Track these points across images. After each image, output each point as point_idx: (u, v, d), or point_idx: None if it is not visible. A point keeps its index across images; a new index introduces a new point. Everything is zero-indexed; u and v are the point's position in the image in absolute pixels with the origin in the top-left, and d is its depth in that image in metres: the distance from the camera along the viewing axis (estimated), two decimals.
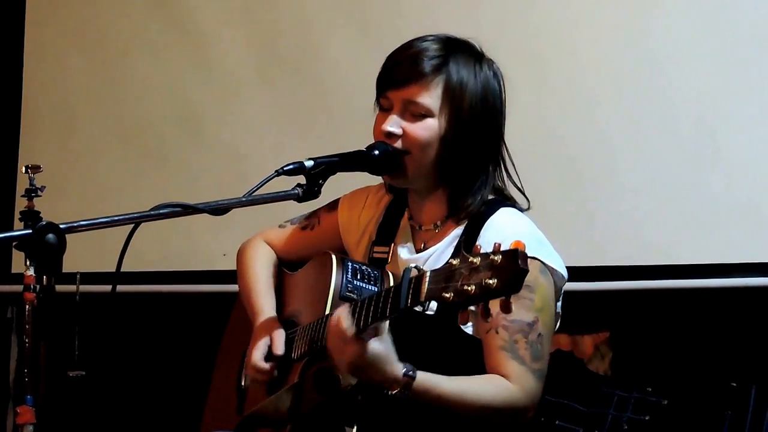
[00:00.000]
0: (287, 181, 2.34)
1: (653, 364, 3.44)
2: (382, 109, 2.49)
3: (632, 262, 3.46)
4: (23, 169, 2.18)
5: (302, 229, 2.76)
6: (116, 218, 2.18)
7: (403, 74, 2.43)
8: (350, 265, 2.46)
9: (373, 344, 2.19)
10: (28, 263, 2.02)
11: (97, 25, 4.32)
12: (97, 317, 3.46)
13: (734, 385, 3.27)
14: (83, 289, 2.99)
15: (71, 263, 2.13)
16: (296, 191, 2.34)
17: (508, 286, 1.96)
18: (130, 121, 4.26)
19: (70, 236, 2.06)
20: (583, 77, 3.55)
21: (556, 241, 2.49)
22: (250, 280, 2.73)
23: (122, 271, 2.24)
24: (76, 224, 2.10)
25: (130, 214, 2.20)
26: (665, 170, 3.43)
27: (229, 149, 4.09)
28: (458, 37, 2.51)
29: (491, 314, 2.02)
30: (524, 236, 2.03)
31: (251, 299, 2.69)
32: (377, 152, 2.43)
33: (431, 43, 2.46)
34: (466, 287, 1.99)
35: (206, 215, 2.25)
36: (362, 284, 2.43)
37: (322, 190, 2.37)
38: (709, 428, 3.27)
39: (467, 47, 2.49)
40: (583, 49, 3.56)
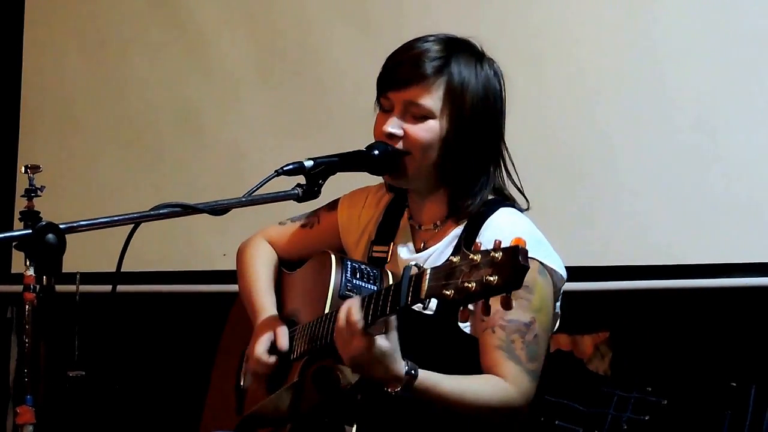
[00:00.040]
0: (287, 181, 2.34)
1: (653, 364, 3.44)
2: (382, 109, 2.49)
3: (632, 262, 3.46)
4: (23, 169, 2.18)
5: (302, 227, 2.75)
6: (116, 218, 2.18)
7: (404, 75, 2.43)
8: (350, 264, 2.46)
9: (380, 340, 2.19)
10: (28, 263, 2.02)
11: (96, 24, 4.33)
12: (97, 317, 3.46)
13: (734, 385, 3.27)
14: (83, 289, 3.00)
15: (71, 263, 2.13)
16: (296, 191, 2.34)
17: (509, 282, 1.96)
18: (129, 121, 4.26)
19: (70, 236, 2.06)
20: (583, 77, 3.56)
21: (556, 241, 2.49)
22: (250, 278, 2.73)
23: (122, 271, 2.24)
24: (76, 224, 2.10)
25: (130, 214, 2.20)
26: (665, 170, 3.43)
27: (228, 149, 4.09)
28: (459, 36, 2.51)
29: (492, 312, 2.02)
30: (523, 236, 2.03)
31: (252, 297, 2.69)
32: (377, 152, 2.43)
33: (432, 43, 2.46)
34: (466, 284, 1.99)
35: (206, 215, 2.25)
36: (362, 283, 2.43)
37: (321, 190, 2.37)
38: (708, 428, 3.27)
39: (468, 47, 2.49)
40: (583, 49, 3.56)
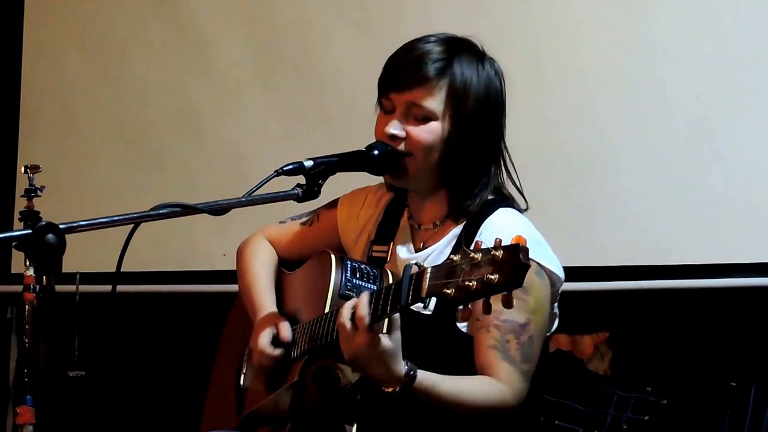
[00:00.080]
0: (287, 181, 2.34)
1: (653, 364, 3.44)
2: (383, 109, 2.49)
3: (632, 262, 3.46)
4: (22, 169, 2.18)
5: (302, 226, 2.76)
6: (116, 218, 2.18)
7: (406, 77, 2.43)
8: (349, 263, 2.46)
9: (383, 339, 2.19)
10: (27, 263, 2.02)
11: (96, 24, 4.32)
12: (97, 317, 3.46)
13: (734, 384, 3.27)
14: (83, 289, 2.99)
15: (71, 263, 2.13)
16: (296, 191, 2.34)
17: (510, 281, 1.96)
18: (129, 121, 4.26)
19: (69, 236, 2.06)
20: (582, 77, 3.55)
21: (555, 241, 2.49)
22: (250, 277, 2.73)
23: (122, 271, 2.24)
24: (75, 224, 2.10)
25: (129, 214, 2.20)
26: (665, 170, 3.43)
27: (228, 149, 4.09)
28: (460, 36, 2.51)
29: (492, 311, 2.02)
30: (522, 236, 2.03)
31: (252, 296, 2.69)
32: (376, 152, 2.43)
33: (434, 45, 2.45)
34: (467, 283, 1.99)
35: (206, 215, 2.25)
36: (361, 283, 2.43)
37: (321, 190, 2.37)
38: (708, 428, 3.27)
39: (469, 47, 2.49)
40: (582, 49, 3.55)
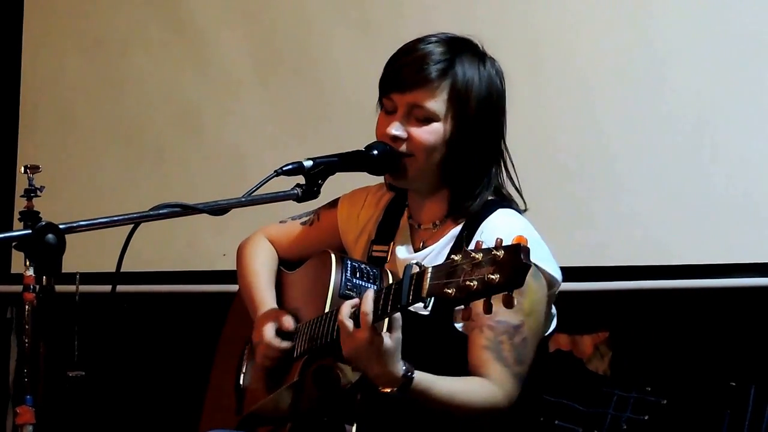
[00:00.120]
0: (286, 181, 2.34)
1: (652, 364, 3.44)
2: (385, 110, 2.48)
3: (632, 262, 3.46)
4: (22, 169, 2.18)
5: (302, 225, 2.76)
6: (116, 218, 2.18)
7: (408, 78, 2.42)
8: (349, 263, 2.47)
9: (384, 338, 2.19)
10: (27, 263, 2.02)
11: (95, 24, 4.32)
12: (96, 317, 3.46)
13: (733, 384, 3.27)
14: (83, 289, 3.00)
15: (71, 263, 2.13)
16: (295, 191, 2.34)
17: (510, 280, 1.96)
18: (129, 120, 4.26)
19: (69, 236, 2.06)
20: (582, 77, 3.55)
21: (555, 241, 2.49)
22: (250, 275, 2.73)
23: (122, 271, 2.24)
24: (75, 224, 2.10)
25: (129, 214, 2.20)
26: (665, 170, 3.43)
27: (228, 149, 4.09)
28: (460, 35, 2.51)
29: (492, 310, 2.02)
30: None
31: (252, 293, 2.69)
32: (376, 152, 2.43)
33: (435, 45, 2.45)
34: (468, 283, 1.99)
35: (206, 215, 2.25)
36: (362, 282, 2.43)
37: (321, 190, 2.37)
38: (708, 428, 3.27)
39: (470, 47, 2.48)
40: (582, 49, 3.55)
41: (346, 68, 3.87)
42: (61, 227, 2.04)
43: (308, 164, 2.36)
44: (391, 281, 2.40)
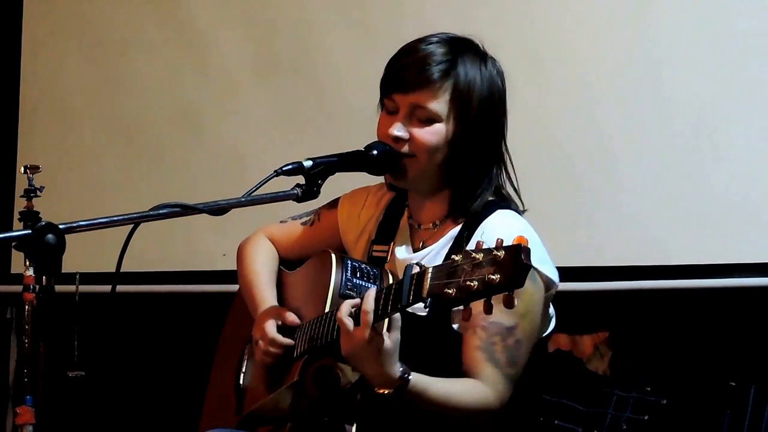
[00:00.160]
0: (286, 181, 2.34)
1: (652, 363, 3.44)
2: (386, 110, 2.48)
3: (632, 262, 3.46)
4: (22, 169, 2.18)
5: (303, 225, 2.76)
6: (116, 218, 2.18)
7: (410, 79, 2.42)
8: (350, 263, 2.47)
9: (383, 338, 2.19)
10: (27, 263, 2.02)
11: (95, 24, 4.33)
12: (96, 317, 3.46)
13: (733, 384, 3.27)
14: (83, 289, 3.00)
15: (71, 263, 2.13)
16: (295, 191, 2.34)
17: (511, 281, 1.96)
18: (128, 120, 4.26)
19: (69, 236, 2.06)
20: (582, 77, 3.55)
21: (555, 241, 2.49)
22: (251, 275, 2.72)
23: (122, 271, 2.24)
24: (75, 224, 2.10)
25: (129, 214, 2.19)
26: (665, 170, 3.43)
27: (228, 149, 4.09)
28: (461, 35, 2.50)
29: (492, 311, 2.02)
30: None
31: (253, 292, 2.69)
32: (375, 152, 2.42)
33: (437, 46, 2.44)
34: (468, 283, 1.99)
35: (206, 215, 2.25)
36: (362, 282, 2.43)
37: (321, 190, 2.37)
38: (707, 428, 3.27)
39: (472, 47, 2.48)
40: (582, 49, 3.56)
41: (345, 68, 3.87)
42: (61, 227, 2.04)
43: (308, 164, 2.36)
44: (391, 281, 2.40)
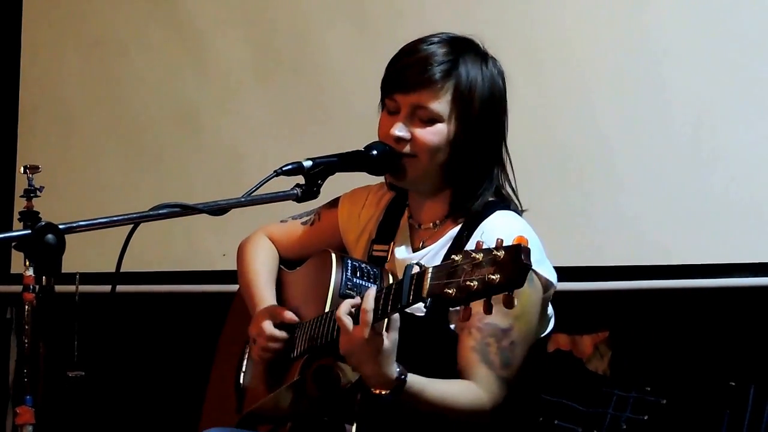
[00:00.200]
0: (286, 181, 2.34)
1: (652, 363, 3.44)
2: (387, 110, 2.48)
3: (632, 262, 3.46)
4: (22, 169, 2.18)
5: (303, 225, 2.76)
6: (115, 218, 2.18)
7: (412, 79, 2.42)
8: (350, 263, 2.47)
9: (381, 338, 2.19)
10: (27, 263, 2.02)
11: (94, 24, 4.33)
12: (96, 317, 3.46)
13: (733, 384, 3.27)
14: (83, 289, 2.99)
15: (71, 263, 2.13)
16: (295, 191, 2.34)
17: (511, 281, 1.96)
18: (128, 120, 4.26)
19: (69, 236, 2.06)
20: (581, 77, 3.55)
21: (555, 241, 2.49)
22: (251, 274, 2.73)
23: (122, 271, 2.24)
24: (75, 224, 2.10)
25: (129, 214, 2.20)
26: (665, 170, 3.43)
27: (227, 149, 4.09)
28: (462, 35, 2.50)
29: (492, 311, 2.02)
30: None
31: (252, 291, 2.69)
32: (375, 152, 2.43)
33: (438, 46, 2.44)
34: (468, 283, 1.99)
35: (205, 215, 2.25)
36: (362, 282, 2.43)
37: (320, 190, 2.37)
38: (707, 428, 3.27)
39: (473, 47, 2.48)
40: (581, 48, 3.55)
41: (345, 68, 3.87)
42: (60, 227, 2.04)
43: (308, 164, 2.36)
44: (391, 281, 2.40)
